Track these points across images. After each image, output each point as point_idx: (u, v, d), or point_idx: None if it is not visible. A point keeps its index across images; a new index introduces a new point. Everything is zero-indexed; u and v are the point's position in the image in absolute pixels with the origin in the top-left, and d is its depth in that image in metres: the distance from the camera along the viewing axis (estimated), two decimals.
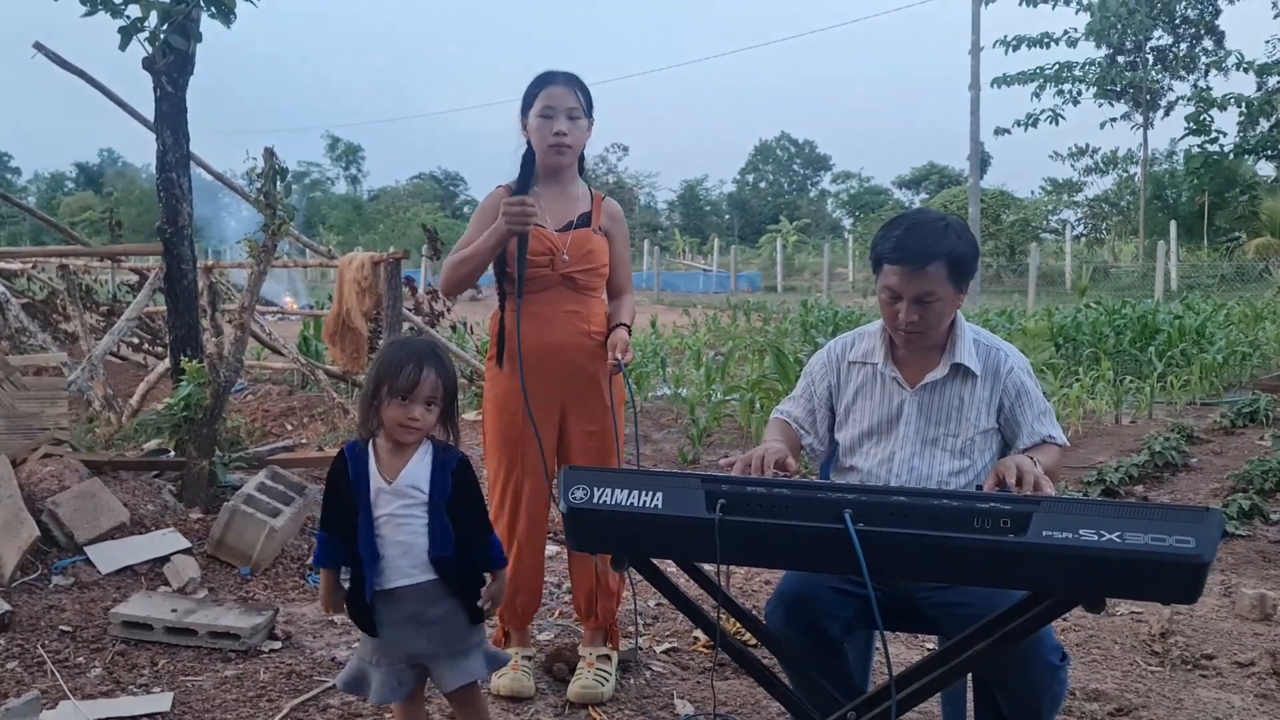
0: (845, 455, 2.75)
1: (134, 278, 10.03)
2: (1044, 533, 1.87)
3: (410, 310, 8.00)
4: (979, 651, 2.12)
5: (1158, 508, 1.87)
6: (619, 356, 3.18)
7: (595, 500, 2.11)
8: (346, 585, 2.56)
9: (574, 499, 2.12)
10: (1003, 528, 1.90)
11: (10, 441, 4.71)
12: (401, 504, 2.50)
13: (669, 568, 2.43)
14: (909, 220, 2.60)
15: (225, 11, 5.51)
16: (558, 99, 3.19)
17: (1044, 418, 2.63)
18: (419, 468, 2.52)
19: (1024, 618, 2.04)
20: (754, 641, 3.42)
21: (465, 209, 64.46)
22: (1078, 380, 9.39)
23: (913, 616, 2.58)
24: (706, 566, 2.36)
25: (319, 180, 75.55)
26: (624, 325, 3.33)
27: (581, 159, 3.40)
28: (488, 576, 2.61)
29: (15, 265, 9.87)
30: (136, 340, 10.55)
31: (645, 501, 2.08)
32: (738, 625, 3.38)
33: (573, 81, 3.23)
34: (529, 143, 3.26)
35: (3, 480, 4.38)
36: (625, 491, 2.10)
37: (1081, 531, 1.85)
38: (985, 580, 1.99)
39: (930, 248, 2.49)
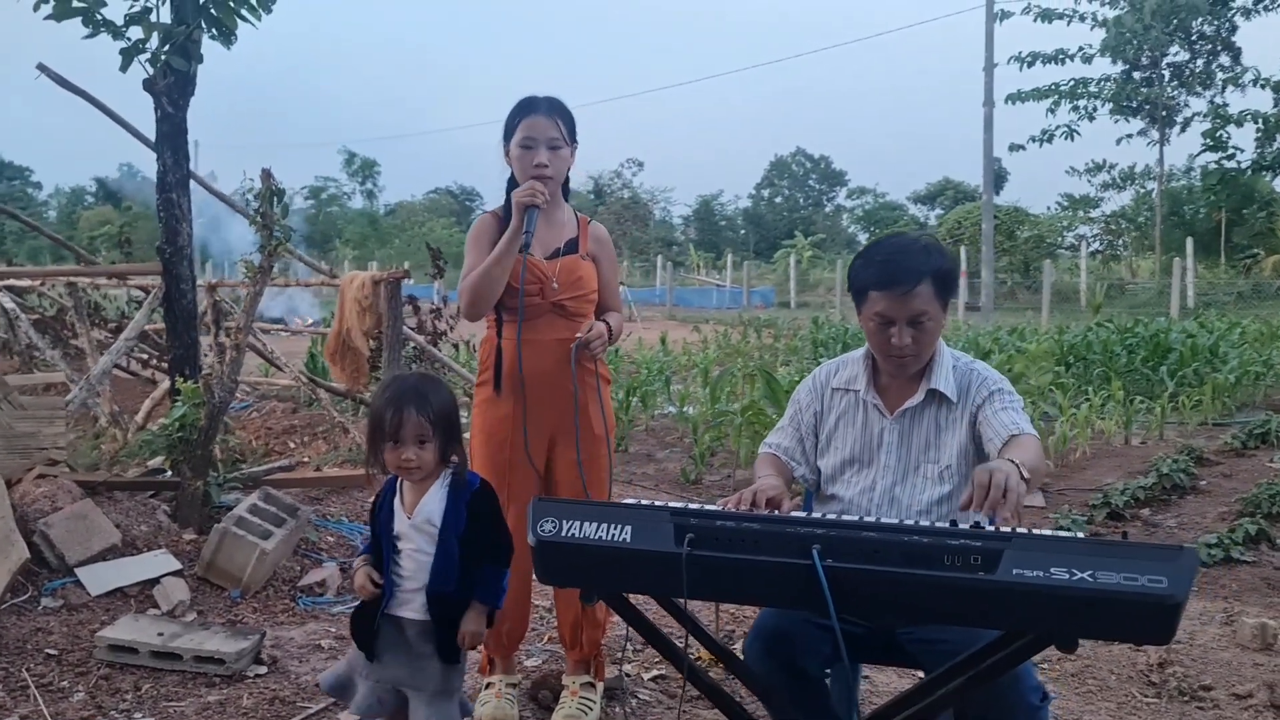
0: (826, 484, 2.71)
1: (142, 294, 10.07)
2: (1014, 570, 1.83)
3: (412, 329, 8.00)
4: (955, 689, 2.09)
5: (1131, 546, 1.83)
6: (585, 334, 3.17)
7: (563, 533, 2.08)
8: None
9: (542, 532, 2.09)
10: (973, 565, 1.87)
11: (7, 461, 4.72)
12: (422, 539, 2.54)
13: (646, 599, 2.40)
14: (889, 246, 2.58)
15: (226, 33, 5.52)
16: (539, 130, 3.17)
17: (1010, 411, 2.52)
18: (434, 501, 2.56)
19: (998, 655, 2.00)
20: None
21: None
22: (1087, 400, 9.31)
23: (892, 651, 2.54)
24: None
25: (335, 195, 75.96)
26: (606, 323, 3.30)
27: (566, 183, 3.39)
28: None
29: (25, 282, 9.93)
30: (145, 357, 10.60)
31: (613, 535, 2.06)
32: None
33: (554, 109, 3.21)
34: (512, 171, 3.25)
35: None
36: (593, 524, 2.07)
37: (1053, 570, 1.81)
38: (956, 619, 1.95)
39: (918, 268, 2.47)
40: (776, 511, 2.31)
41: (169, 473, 5.17)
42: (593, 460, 3.27)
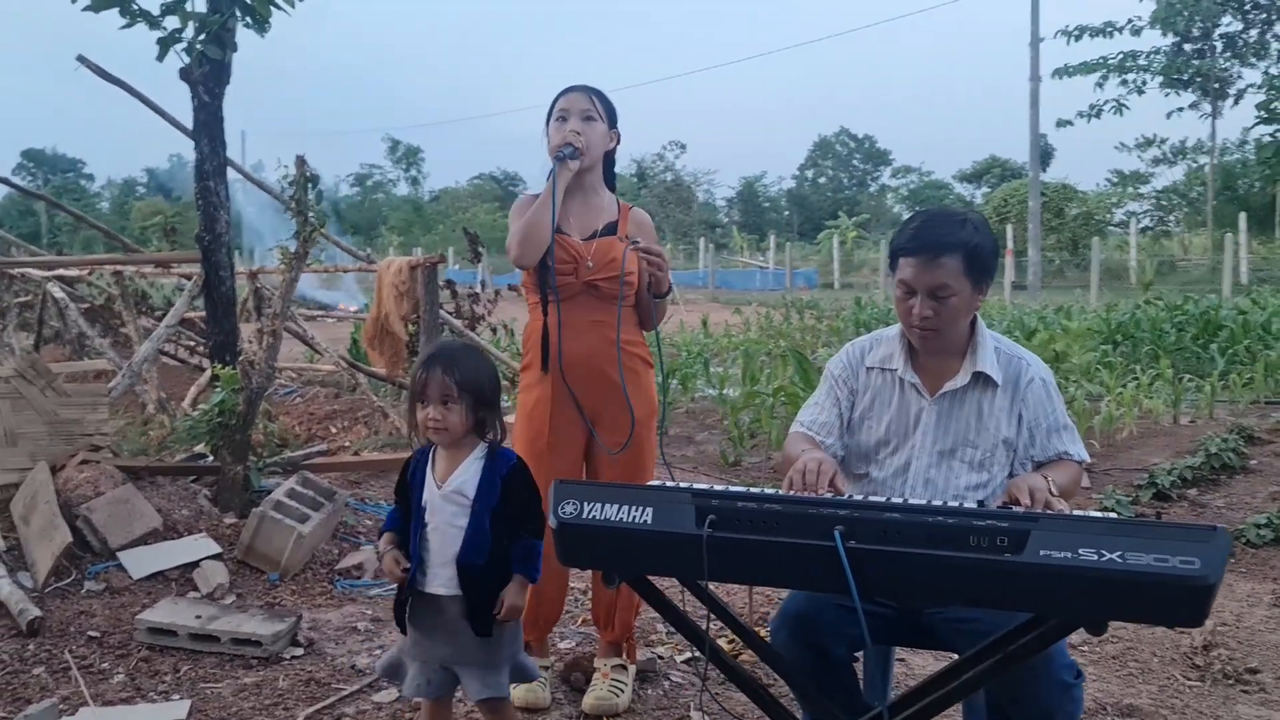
0: (859, 463, 2.66)
1: (187, 283, 10.21)
2: (1042, 552, 1.79)
3: (450, 313, 8.03)
4: (985, 670, 2.05)
5: (1162, 526, 1.79)
6: (641, 241, 3.21)
7: (585, 515, 2.07)
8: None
9: (563, 514, 2.09)
10: (999, 546, 1.83)
11: (51, 448, 4.81)
12: (451, 511, 2.53)
13: (670, 581, 2.38)
14: (927, 214, 2.54)
15: (260, 21, 5.57)
16: (572, 103, 3.24)
17: (1063, 432, 2.55)
18: (468, 473, 2.55)
19: (1028, 637, 1.96)
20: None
21: None
22: (1135, 379, 9.14)
23: (923, 633, 2.50)
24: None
25: (380, 182, 76.55)
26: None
27: (612, 172, 3.39)
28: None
29: (74, 271, 10.09)
30: (192, 344, 10.75)
31: (635, 517, 2.04)
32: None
33: (589, 90, 3.28)
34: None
35: (41, 486, 4.47)
36: (615, 506, 2.06)
37: (1081, 551, 1.77)
38: (981, 600, 1.92)
39: (945, 239, 2.42)
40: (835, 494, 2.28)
41: (210, 458, 5.24)
42: (635, 444, 3.25)
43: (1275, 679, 3.50)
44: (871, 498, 2.41)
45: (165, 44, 5.48)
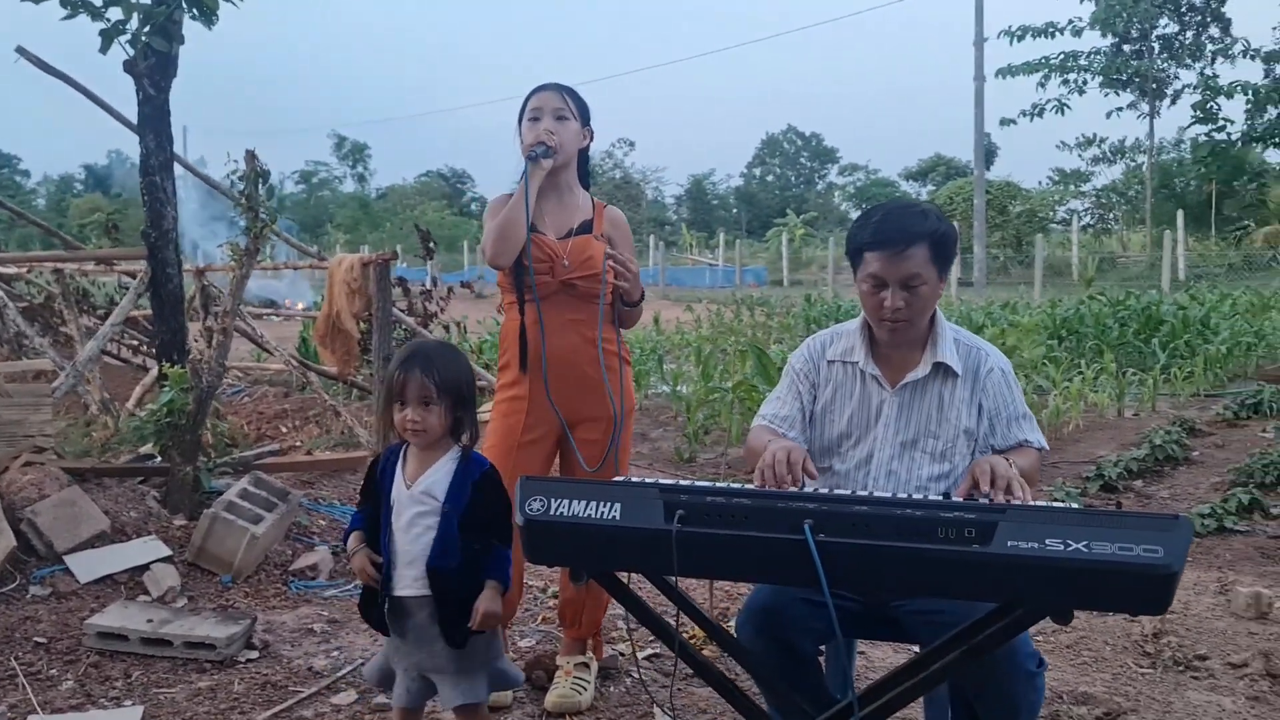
0: (822, 456, 2.67)
1: (131, 280, 10.01)
2: (1009, 543, 1.81)
3: (403, 311, 7.96)
4: (950, 661, 2.07)
5: (1126, 516, 1.81)
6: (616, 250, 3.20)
7: (551, 511, 2.05)
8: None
9: (530, 510, 2.06)
10: (967, 537, 1.85)
11: None
12: (417, 511, 2.49)
13: (638, 577, 2.37)
14: (885, 208, 2.56)
15: (208, 13, 5.44)
16: (544, 102, 3.22)
17: (1022, 421, 2.58)
18: (439, 475, 2.52)
19: (994, 628, 1.98)
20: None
21: (472, 206, 64.36)
22: (1080, 373, 9.30)
23: (888, 625, 2.52)
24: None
25: (326, 179, 75.62)
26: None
27: (586, 170, 3.39)
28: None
29: (12, 269, 9.84)
30: (135, 343, 10.54)
31: (602, 513, 2.03)
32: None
33: (562, 88, 3.26)
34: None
35: None
36: (582, 503, 2.04)
37: (1048, 541, 1.79)
38: (950, 592, 1.94)
39: (911, 229, 2.44)
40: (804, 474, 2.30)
41: (158, 459, 5.14)
42: (606, 443, 3.24)
43: (1223, 664, 3.58)
44: (838, 491, 2.43)
45: (109, 36, 5.33)
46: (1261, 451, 6.45)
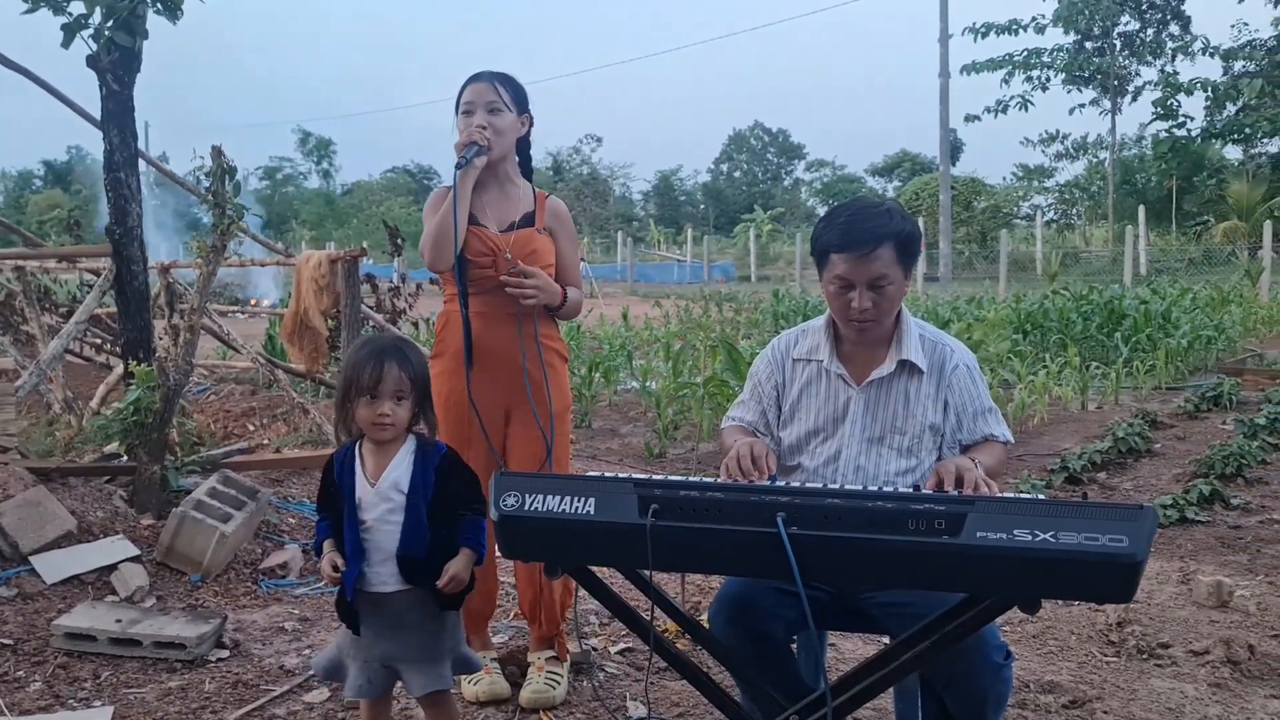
0: (790, 454, 2.70)
1: (94, 278, 9.89)
2: (978, 533, 1.84)
3: (371, 308, 7.92)
4: (920, 652, 2.10)
5: (1092, 506, 1.84)
6: (520, 264, 3.11)
7: (526, 507, 2.07)
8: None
9: (505, 506, 2.08)
10: (937, 529, 1.88)
11: None
12: (386, 508, 2.49)
13: (610, 571, 2.39)
14: (849, 208, 2.58)
15: (172, 8, 5.39)
16: (478, 95, 3.17)
17: (987, 415, 2.62)
18: (400, 467, 2.52)
19: (963, 618, 2.02)
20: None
21: None
22: (1045, 368, 9.41)
23: (858, 616, 2.55)
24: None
25: (291, 175, 74.89)
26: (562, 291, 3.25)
27: (527, 160, 3.37)
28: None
29: None
30: (99, 341, 10.41)
31: (577, 508, 2.05)
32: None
33: (496, 77, 3.20)
34: None
35: None
36: (557, 498, 2.06)
37: (1016, 532, 1.83)
38: (921, 583, 1.97)
39: (877, 230, 2.47)
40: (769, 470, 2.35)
41: (124, 458, 5.08)
42: (555, 438, 3.24)
43: (1186, 653, 3.65)
44: (809, 485, 2.46)
45: (71, 30, 5.27)
46: (1222, 443, 6.57)
